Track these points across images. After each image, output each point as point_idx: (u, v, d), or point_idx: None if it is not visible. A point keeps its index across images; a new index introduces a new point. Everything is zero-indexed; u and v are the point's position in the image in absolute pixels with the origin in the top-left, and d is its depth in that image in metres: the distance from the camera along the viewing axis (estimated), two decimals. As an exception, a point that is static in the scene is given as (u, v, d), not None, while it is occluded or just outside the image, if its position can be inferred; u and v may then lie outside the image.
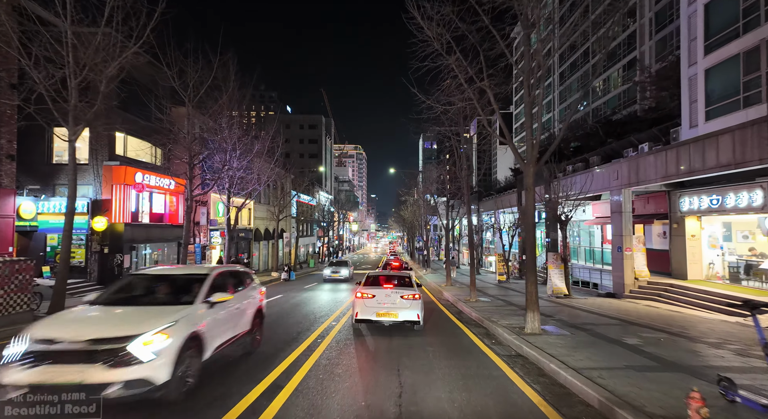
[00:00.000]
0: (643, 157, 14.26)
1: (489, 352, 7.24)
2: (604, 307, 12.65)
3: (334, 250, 60.44)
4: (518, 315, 10.70)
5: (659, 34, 30.92)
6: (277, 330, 8.99)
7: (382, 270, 23.18)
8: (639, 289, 15.13)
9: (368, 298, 8.54)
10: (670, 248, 15.92)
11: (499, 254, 23.82)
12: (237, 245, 29.57)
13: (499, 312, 11.48)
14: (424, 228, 33.63)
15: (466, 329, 9.60)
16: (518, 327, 8.92)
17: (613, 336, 8.05)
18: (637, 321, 10.00)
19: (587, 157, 24.58)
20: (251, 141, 20.88)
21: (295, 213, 41.25)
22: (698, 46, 14.42)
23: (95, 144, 17.42)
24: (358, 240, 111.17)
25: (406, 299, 8.51)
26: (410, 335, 8.64)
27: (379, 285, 9.17)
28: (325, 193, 63.53)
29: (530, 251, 8.43)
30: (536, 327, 8.25)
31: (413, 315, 8.39)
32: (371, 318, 8.44)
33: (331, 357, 6.73)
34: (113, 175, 17.36)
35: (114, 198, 17.39)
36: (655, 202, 17.11)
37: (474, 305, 13.02)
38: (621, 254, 15.43)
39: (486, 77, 8.75)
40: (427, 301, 15.29)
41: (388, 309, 8.39)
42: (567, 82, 48.87)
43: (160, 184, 19.68)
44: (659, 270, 16.43)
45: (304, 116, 77.65)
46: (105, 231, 17.03)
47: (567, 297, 15.30)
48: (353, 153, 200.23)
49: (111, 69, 10.73)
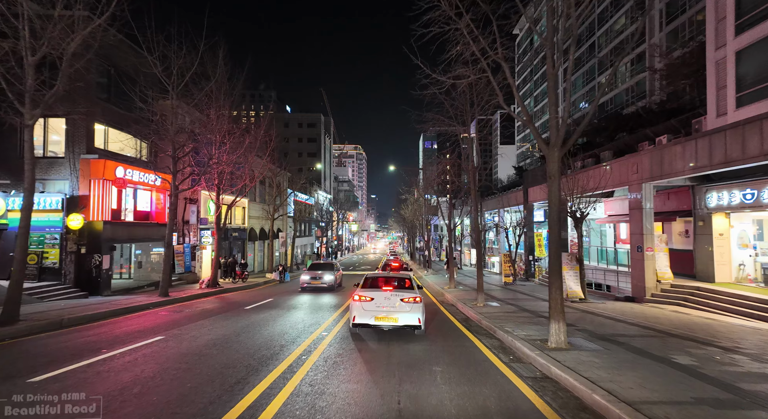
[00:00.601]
0: (668, 147, 12.98)
1: (509, 373, 5.96)
2: (627, 314, 11.36)
3: (332, 251, 59.13)
4: (535, 324, 9.41)
5: (670, 25, 29.65)
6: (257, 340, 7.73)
7: (381, 271, 22.02)
8: (662, 293, 13.84)
9: (366, 301, 8.12)
10: (694, 248, 14.63)
11: (505, 254, 22.54)
12: (230, 245, 28.30)
13: (511, 319, 10.19)
14: (425, 227, 32.31)
15: (477, 340, 8.32)
16: (539, 339, 7.63)
17: (657, 352, 6.75)
18: (674, 331, 8.71)
19: (597, 153, 23.31)
20: (242, 134, 19.62)
21: (292, 213, 40.01)
22: (728, 27, 13.14)
23: (72, 136, 16.13)
24: (358, 241, 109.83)
25: (407, 302, 8.07)
26: (412, 351, 7.37)
27: (378, 288, 8.73)
28: (323, 192, 62.25)
29: (554, 250, 7.15)
30: (562, 340, 6.97)
31: (414, 319, 7.95)
32: (369, 323, 7.99)
33: (315, 383, 5.44)
34: (91, 169, 16.08)
35: (92, 194, 16.10)
36: (676, 198, 15.83)
37: (482, 311, 11.74)
38: (641, 254, 14.14)
39: (500, 48, 7.47)
40: (429, 305, 14.00)
41: (387, 312, 7.96)
42: (571, 78, 47.59)
43: (144, 179, 18.39)
44: (681, 272, 15.15)
45: (303, 115, 76.42)
46: (82, 229, 15.75)
47: (583, 301, 14.02)
48: (353, 153, 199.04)
49: (73, 45, 9.44)
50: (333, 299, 15.26)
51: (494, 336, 8.78)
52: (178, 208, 23.68)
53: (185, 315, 11.25)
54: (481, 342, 8.19)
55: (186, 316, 11.09)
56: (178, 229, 23.34)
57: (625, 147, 21.39)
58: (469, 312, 11.82)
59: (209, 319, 10.43)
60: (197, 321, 10.19)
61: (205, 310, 12.30)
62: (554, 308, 7.05)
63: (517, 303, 13.57)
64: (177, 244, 22.91)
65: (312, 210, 52.78)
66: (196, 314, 11.48)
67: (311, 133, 74.76)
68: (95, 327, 9.45)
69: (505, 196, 30.57)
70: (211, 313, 11.63)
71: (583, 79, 44.79)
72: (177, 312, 11.84)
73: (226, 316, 11.08)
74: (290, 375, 5.67)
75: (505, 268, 21.83)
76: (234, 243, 28.84)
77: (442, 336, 8.79)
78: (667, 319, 10.33)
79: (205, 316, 11.03)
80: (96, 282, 15.90)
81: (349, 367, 6.16)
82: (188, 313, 11.67)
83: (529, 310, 11.87)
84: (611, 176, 15.47)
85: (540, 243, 25.53)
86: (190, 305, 13.64)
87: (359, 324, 8.07)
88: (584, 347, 7.01)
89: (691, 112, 18.23)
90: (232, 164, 18.94)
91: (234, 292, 18.70)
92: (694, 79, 18.40)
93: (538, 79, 58.54)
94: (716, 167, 11.09)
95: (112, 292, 16.58)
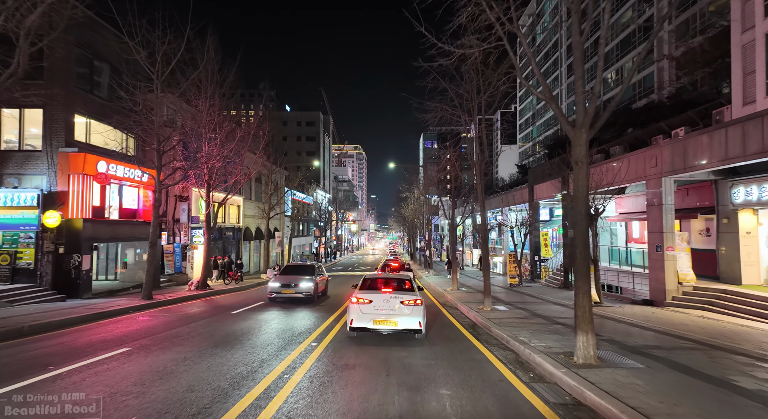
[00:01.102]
0: (693, 138, 11.92)
1: (533, 398, 4.91)
2: (652, 320, 10.30)
3: (331, 251, 58.06)
4: (553, 333, 8.36)
5: (681, 17, 28.59)
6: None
7: (381, 271, 21.01)
8: (683, 296, 12.79)
9: (364, 304, 7.81)
10: (717, 247, 13.58)
11: (510, 254, 21.47)
12: (224, 245, 27.25)
13: (525, 326, 9.13)
14: (426, 226, 31.16)
15: (488, 352, 7.27)
16: (562, 352, 6.58)
17: (708, 370, 5.68)
18: (713, 341, 7.65)
19: (606, 148, 22.24)
20: (233, 127, 18.58)
21: (289, 212, 38.97)
22: (756, 7, 12.09)
23: (50, 128, 15.08)
24: (358, 241, 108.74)
25: (407, 305, 7.76)
26: (414, 368, 6.33)
27: (376, 289, 8.38)
28: (322, 192, 61.21)
29: (582, 250, 6.09)
30: (591, 355, 5.92)
31: (414, 323, 7.63)
32: (368, 326, 7.67)
33: (294, 415, 4.39)
34: (70, 163, 15.03)
35: (71, 190, 15.05)
36: (697, 194, 14.78)
37: (490, 316, 10.69)
38: (661, 254, 13.09)
39: (515, 18, 6.43)
40: (431, 308, 12.96)
41: (386, 315, 7.65)
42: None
43: (130, 175, 17.34)
44: (701, 273, 14.08)
45: (302, 113, 75.37)
46: (60, 228, 14.70)
47: (598, 305, 12.96)
48: (353, 153, 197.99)
49: (32, 17, 8.39)
50: (309, 318, 10.60)
51: (507, 346, 7.73)
52: (169, 206, 22.67)
53: (164, 321, 10.21)
54: (494, 354, 7.14)
55: (164, 322, 10.05)
56: (168, 228, 22.31)
57: (635, 141, 20.32)
58: (476, 317, 10.77)
59: (188, 326, 9.38)
60: (174, 329, 9.14)
61: (187, 315, 11.25)
62: (582, 317, 5.99)
63: (528, 308, 12.52)
64: (167, 244, 21.88)
65: (311, 209, 51.74)
66: (176, 319, 10.43)
67: (310, 132, 73.72)
68: (58, 335, 8.40)
69: (509, 194, 29.50)
70: (193, 319, 10.58)
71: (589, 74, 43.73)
72: (156, 318, 10.79)
73: (209, 322, 10.04)
74: (265, 403, 4.62)
75: (510, 269, 20.77)
76: (228, 243, 27.79)
77: (448, 346, 7.74)
78: (698, 327, 9.27)
79: (185, 322, 9.98)
80: (75, 284, 14.84)
81: (338, 391, 5.11)
82: (168, 319, 10.62)
83: (543, 316, 10.82)
84: (627, 171, 14.41)
85: (546, 243, 24.48)
86: (173, 309, 12.59)
87: (357, 327, 7.76)
88: (618, 363, 5.95)
89: (708, 104, 17.20)
90: (222, 159, 17.88)
91: (224, 294, 17.63)
92: (713, 67, 17.34)
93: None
94: (750, 157, 10.03)
95: (94, 295, 15.52)
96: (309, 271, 14.86)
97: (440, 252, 52.82)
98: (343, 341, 7.96)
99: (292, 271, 14.94)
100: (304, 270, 15.13)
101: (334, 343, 7.76)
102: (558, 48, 51.17)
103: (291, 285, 13.69)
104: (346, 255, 68.55)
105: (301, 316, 10.87)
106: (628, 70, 36.11)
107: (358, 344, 7.70)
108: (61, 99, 15.16)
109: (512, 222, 21.71)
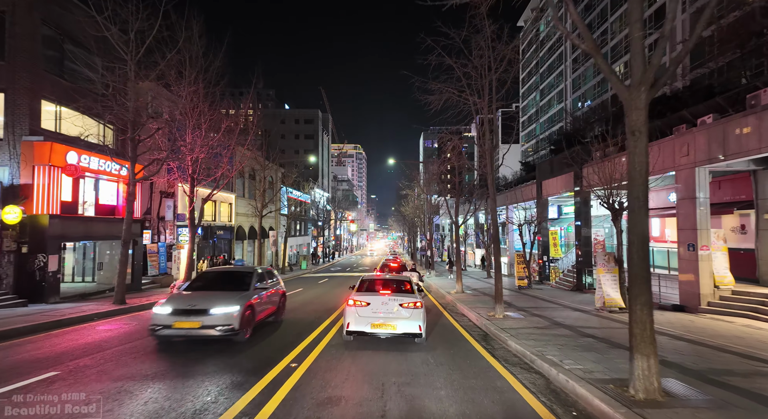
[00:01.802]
0: (735, 120, 10.45)
1: (590, 458, 3.42)
2: (692, 329, 8.83)
3: (330, 251, 56.59)
4: (587, 350, 6.88)
5: (696, 3, 27.13)
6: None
7: (380, 272, 19.55)
8: (720, 301, 11.30)
9: (361, 306, 7.44)
10: (756, 247, 12.10)
11: (518, 254, 19.99)
12: (215, 244, 25.79)
13: (548, 339, 7.66)
14: (427, 225, 29.55)
15: (510, 376, 5.79)
16: (609, 380, 5.11)
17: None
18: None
19: (620, 140, 20.82)
20: (220, 116, 17.09)
21: (285, 210, 37.51)
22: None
23: (13, 114, 13.62)
24: (357, 241, 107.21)
25: (406, 307, 7.35)
26: (419, 401, 4.86)
27: (374, 291, 8.10)
28: (320, 190, 59.72)
29: (640, 248, 4.63)
30: (655, 387, 4.45)
31: (414, 327, 7.24)
32: (365, 330, 7.30)
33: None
34: (35, 153, 13.59)
35: (36, 182, 13.62)
36: (731, 187, 13.32)
37: (504, 325, 9.22)
38: (694, 254, 11.61)
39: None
40: (435, 313, 11.48)
41: (384, 319, 7.28)
42: (581, 68, 45.04)
43: (107, 168, 15.89)
44: (736, 275, 12.59)
45: (300, 110, 73.89)
46: (23, 224, 13.25)
47: (624, 311, 11.48)
48: (353, 152, 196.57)
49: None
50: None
51: (532, 367, 6.25)
52: (153, 203, 21.21)
53: (125, 332, 8.74)
54: (517, 379, 5.67)
55: (125, 333, 8.58)
56: (153, 226, 20.85)
57: (654, 132, 18.88)
58: (487, 326, 9.30)
59: (149, 339, 7.89)
60: (133, 342, 7.68)
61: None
62: (641, 336, 4.52)
63: (544, 314, 11.04)
64: (151, 243, 20.43)
65: (308, 208, 50.28)
66: (139, 330, 8.95)
67: (308, 130, 72.26)
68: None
69: (515, 190, 28.01)
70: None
71: (595, 68, 42.24)
72: (118, 327, 9.32)
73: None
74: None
75: (518, 270, 19.28)
76: (220, 243, 26.33)
77: (459, 367, 6.26)
78: (757, 340, 7.79)
79: (148, 334, 8.50)
80: (39, 287, 13.38)
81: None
82: (131, 328, 9.16)
83: (565, 325, 9.34)
84: (653, 162, 12.92)
85: (555, 242, 23.02)
86: (143, 316, 11.10)
87: (354, 331, 7.39)
88: (691, 399, 4.46)
89: (736, 89, 15.75)
90: (208, 150, 16.40)
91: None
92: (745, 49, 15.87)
93: (545, 72, 55.97)
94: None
95: (63, 299, 14.08)
96: (239, 283, 8.65)
97: (441, 253, 51.36)
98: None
99: (205, 285, 8.65)
100: (232, 281, 8.86)
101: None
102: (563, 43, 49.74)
103: (194, 312, 7.19)
104: (345, 256, 66.99)
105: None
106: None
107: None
108: (25, 82, 13.71)
109: (521, 219, 20.23)
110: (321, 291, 18.61)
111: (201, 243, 23.43)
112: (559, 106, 49.93)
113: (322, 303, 13.91)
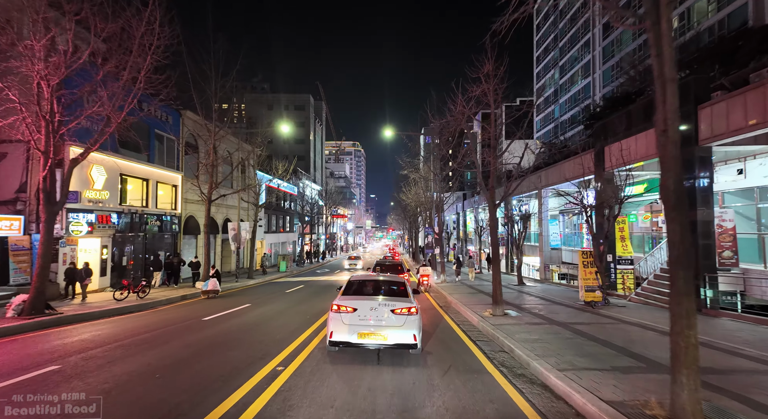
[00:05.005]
0: None
1: None
2: None
3: (319, 251, 49.69)
4: None
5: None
6: None
7: (371, 272, 13.89)
8: None
9: (347, 312, 6.29)
10: None
11: (584, 252, 13.17)
12: (146, 239, 18.83)
13: None
14: (435, 211, 21.88)
15: None
16: None
17: None
18: None
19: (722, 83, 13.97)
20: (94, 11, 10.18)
21: (264, 200, 30.69)
22: None
23: None
24: (354, 240, 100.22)
25: (399, 314, 6.20)
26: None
27: (363, 295, 6.95)
28: (311, 182, 52.81)
29: None
30: None
31: (408, 337, 6.08)
32: (350, 341, 6.10)
33: None
34: None
35: None
36: None
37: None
38: None
39: None
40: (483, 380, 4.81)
41: (374, 327, 6.11)
42: (614, 34, 38.20)
43: None
44: None
45: (290, 95, 66.84)
46: None
47: None
48: (351, 150, 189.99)
49: None
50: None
51: None
52: (32, 174, 14.34)
53: None
54: None
55: None
56: (28, 210, 14.04)
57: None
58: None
59: None
60: None
61: None
62: None
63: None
64: (22, 235, 13.62)
65: (294, 200, 43.46)
66: None
67: (299, 117, 65.36)
68: None
69: (551, 169, 21.16)
70: None
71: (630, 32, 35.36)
72: None
73: None
74: None
75: (584, 276, 12.46)
76: (156, 238, 19.45)
77: None
78: None
79: None
80: None
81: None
82: None
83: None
84: None
85: (624, 235, 16.14)
86: None
87: (337, 342, 6.18)
88: None
89: None
90: (71, 73, 9.58)
91: (62, 327, 9.33)
92: None
93: (565, 45, 49.13)
94: None
95: None
96: None
97: (447, 252, 44.48)
98: None
99: None
100: None
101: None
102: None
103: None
104: (338, 256, 59.74)
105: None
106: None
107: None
108: None
109: (590, 198, 13.38)
110: (275, 310, 11.75)
111: (119, 235, 16.61)
112: (585, 82, 43.07)
113: (224, 361, 7.07)
